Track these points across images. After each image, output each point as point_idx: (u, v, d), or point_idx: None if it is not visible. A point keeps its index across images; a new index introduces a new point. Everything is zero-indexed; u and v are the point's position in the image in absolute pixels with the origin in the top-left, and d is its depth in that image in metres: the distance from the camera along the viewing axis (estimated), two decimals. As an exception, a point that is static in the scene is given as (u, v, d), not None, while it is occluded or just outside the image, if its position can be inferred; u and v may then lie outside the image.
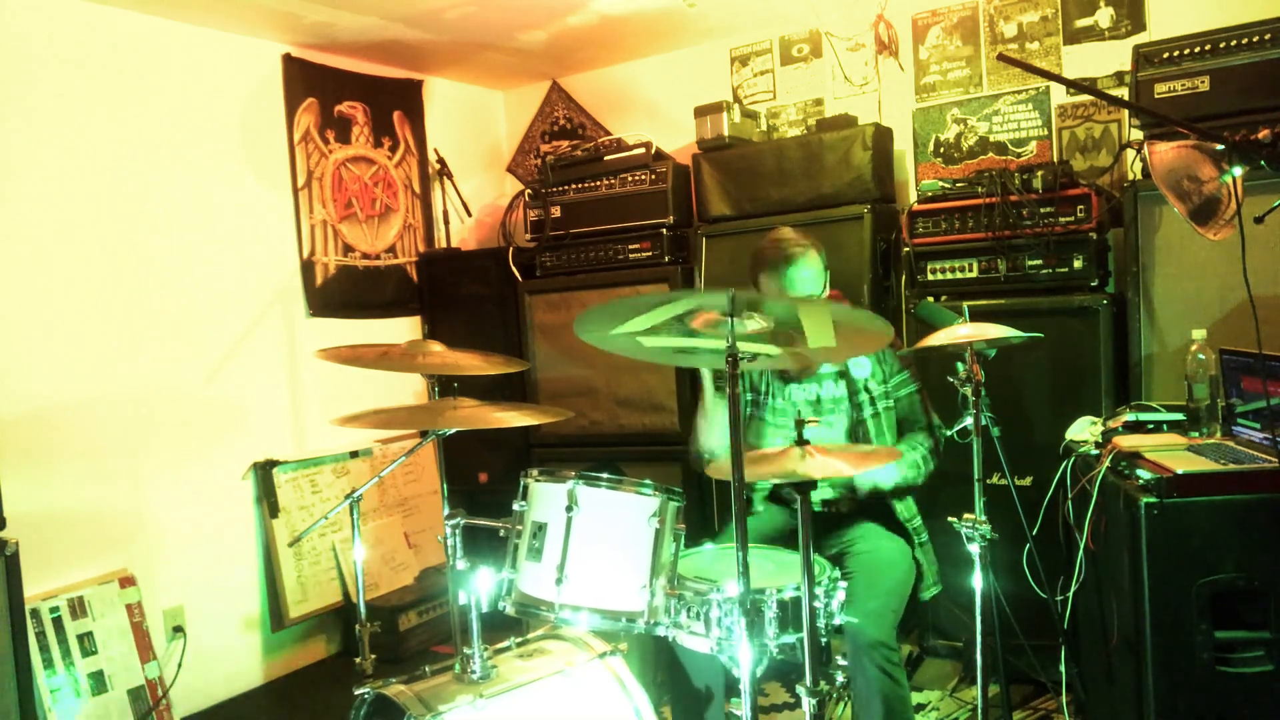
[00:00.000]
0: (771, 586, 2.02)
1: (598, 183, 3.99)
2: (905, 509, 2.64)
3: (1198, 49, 2.83)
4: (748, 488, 2.74)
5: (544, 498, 2.11)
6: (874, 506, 2.62)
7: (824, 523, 2.63)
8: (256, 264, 3.79)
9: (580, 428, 3.96)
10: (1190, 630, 1.99)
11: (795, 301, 1.75)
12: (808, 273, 2.55)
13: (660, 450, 3.81)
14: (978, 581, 2.28)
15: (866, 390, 2.62)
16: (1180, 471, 2.02)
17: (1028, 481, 2.95)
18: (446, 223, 4.51)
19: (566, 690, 2.18)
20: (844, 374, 2.65)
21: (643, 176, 3.90)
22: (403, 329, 4.36)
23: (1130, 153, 3.30)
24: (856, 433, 2.63)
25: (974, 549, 2.26)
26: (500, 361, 2.52)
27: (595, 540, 2.04)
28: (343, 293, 4.10)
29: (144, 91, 3.40)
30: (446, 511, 2.31)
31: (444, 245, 4.50)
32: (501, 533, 2.16)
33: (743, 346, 1.81)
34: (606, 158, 3.98)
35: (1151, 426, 2.50)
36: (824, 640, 2.13)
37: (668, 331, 1.90)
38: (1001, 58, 2.11)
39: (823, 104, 4.06)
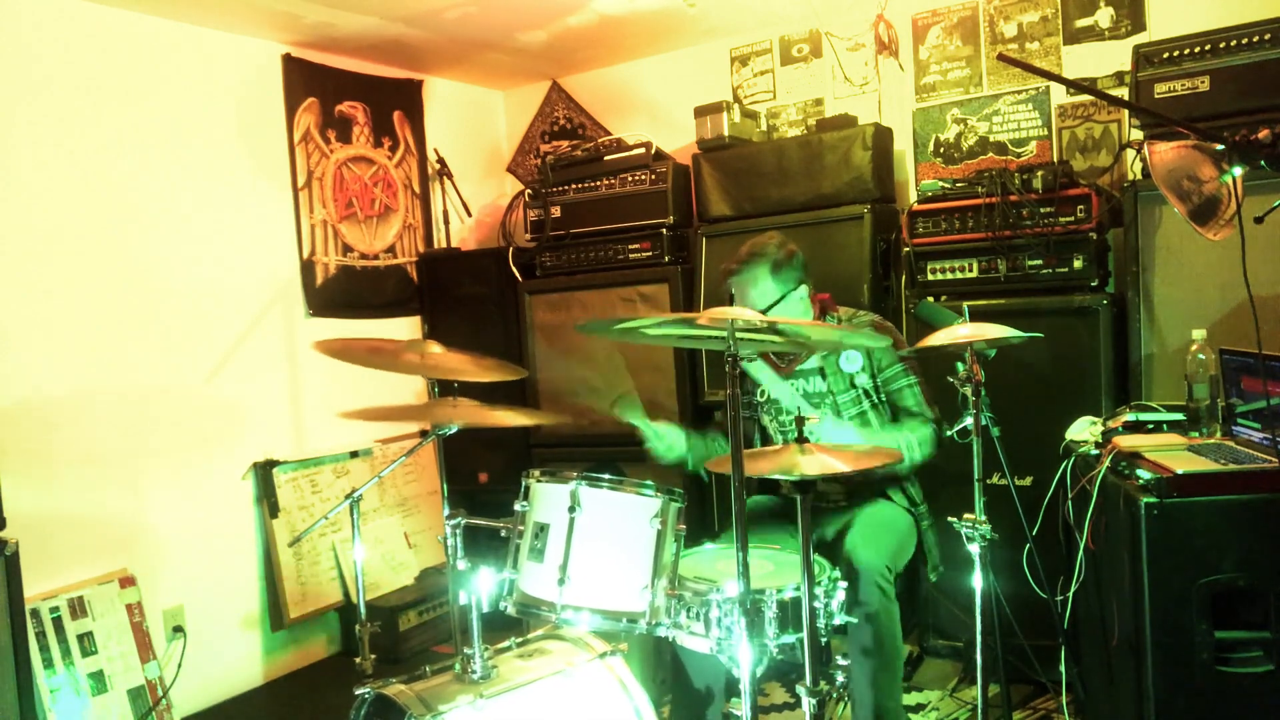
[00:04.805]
0: (771, 587, 2.02)
1: (597, 183, 3.99)
2: (902, 498, 2.67)
3: (1198, 49, 2.83)
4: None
5: (546, 498, 2.11)
6: (874, 490, 2.64)
7: (823, 512, 2.66)
8: (257, 264, 3.78)
9: (580, 428, 3.96)
10: (1190, 630, 2.00)
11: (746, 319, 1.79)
12: (748, 290, 2.60)
13: (660, 450, 3.81)
14: (978, 581, 2.28)
15: (855, 386, 2.63)
16: (1180, 471, 2.02)
17: (1028, 481, 2.95)
18: (446, 223, 4.51)
19: (567, 690, 2.18)
20: (823, 370, 2.66)
21: (643, 176, 3.90)
22: (403, 329, 4.37)
23: (1130, 153, 3.30)
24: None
25: (974, 549, 2.27)
26: (496, 368, 2.48)
27: (598, 541, 2.05)
28: (343, 293, 4.10)
29: (144, 92, 3.40)
30: (447, 511, 2.31)
31: (444, 245, 4.50)
32: (502, 533, 2.16)
33: (743, 336, 1.82)
34: (606, 158, 3.98)
35: (1151, 426, 2.50)
36: (824, 640, 2.13)
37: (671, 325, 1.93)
38: (1001, 58, 2.11)
39: (823, 104, 4.06)
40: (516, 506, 2.16)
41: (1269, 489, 1.97)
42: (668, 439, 2.65)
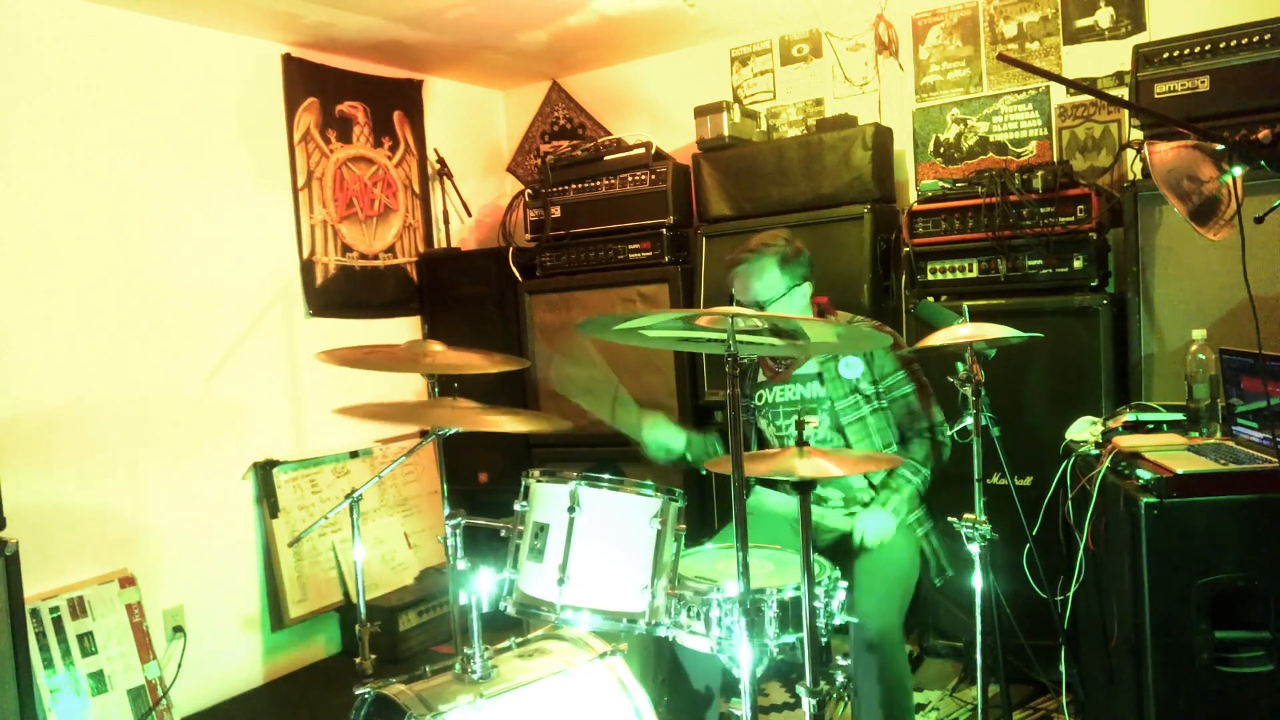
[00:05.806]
0: (771, 586, 2.02)
1: (597, 183, 3.99)
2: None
3: (1198, 49, 2.83)
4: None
5: (546, 498, 2.11)
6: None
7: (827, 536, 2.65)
8: (257, 264, 3.78)
9: (580, 428, 3.94)
10: (1190, 630, 1.99)
11: (744, 313, 1.78)
12: (754, 281, 2.58)
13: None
14: (978, 581, 2.28)
15: (856, 392, 2.62)
16: (1180, 471, 2.02)
17: (1028, 481, 2.95)
18: (446, 223, 4.51)
19: (567, 690, 2.17)
20: (822, 376, 2.65)
21: (643, 176, 3.90)
22: (403, 329, 4.36)
23: (1130, 153, 3.30)
24: (841, 434, 2.63)
25: (974, 549, 2.26)
26: (500, 360, 2.51)
27: (597, 541, 2.05)
28: (343, 293, 4.10)
29: (144, 92, 3.40)
30: (447, 511, 2.31)
31: (444, 245, 4.50)
32: (502, 533, 2.16)
33: (743, 340, 1.82)
34: (606, 158, 3.98)
35: (1151, 426, 2.50)
36: (824, 640, 2.13)
37: (671, 326, 1.92)
38: (1001, 58, 2.11)
39: (823, 104, 4.06)
40: (516, 506, 2.16)
41: (1269, 489, 1.97)
42: (659, 432, 2.62)
